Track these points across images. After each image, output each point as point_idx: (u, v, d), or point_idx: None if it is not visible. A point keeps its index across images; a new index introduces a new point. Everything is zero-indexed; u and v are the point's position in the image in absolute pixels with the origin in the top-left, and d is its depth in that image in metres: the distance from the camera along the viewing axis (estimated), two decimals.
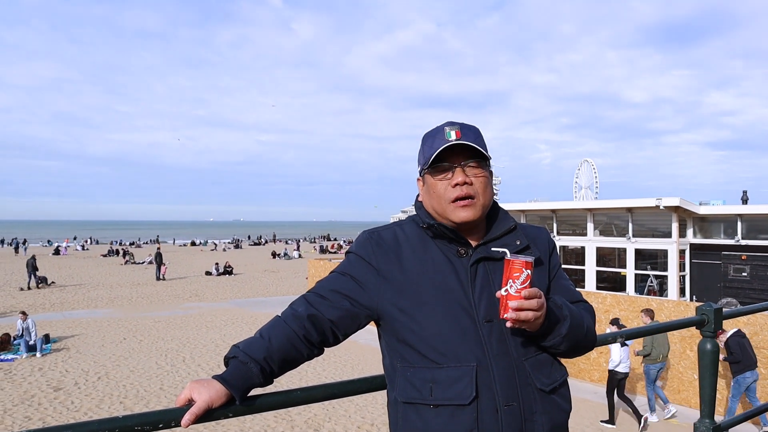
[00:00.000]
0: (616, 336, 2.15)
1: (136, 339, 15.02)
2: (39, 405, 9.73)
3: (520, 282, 1.39)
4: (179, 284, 27.59)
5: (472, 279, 1.51)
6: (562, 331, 1.48)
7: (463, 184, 1.51)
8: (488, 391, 1.43)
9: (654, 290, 15.35)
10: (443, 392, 1.43)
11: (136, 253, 45.19)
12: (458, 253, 1.54)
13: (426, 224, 1.57)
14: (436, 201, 1.55)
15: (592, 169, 36.09)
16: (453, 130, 1.53)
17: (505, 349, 1.47)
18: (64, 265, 36.76)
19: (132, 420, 1.26)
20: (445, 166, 1.53)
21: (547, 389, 1.49)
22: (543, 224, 18.26)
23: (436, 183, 1.54)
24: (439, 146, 1.51)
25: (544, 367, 1.52)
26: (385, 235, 1.61)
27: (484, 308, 1.48)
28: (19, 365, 12.41)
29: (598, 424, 9.31)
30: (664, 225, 15.04)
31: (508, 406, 1.43)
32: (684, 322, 2.67)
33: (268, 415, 9.22)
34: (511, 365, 1.46)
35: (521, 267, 1.40)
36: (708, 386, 2.56)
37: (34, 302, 21.12)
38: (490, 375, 1.44)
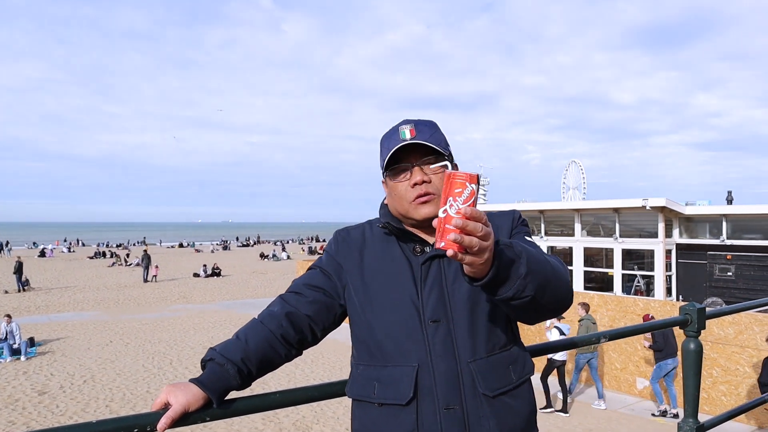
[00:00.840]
0: (600, 336, 2.15)
1: (122, 341, 14.89)
2: (23, 409, 9.62)
3: (463, 200, 1.14)
4: (167, 286, 27.40)
5: (423, 277, 1.48)
6: (521, 271, 1.23)
7: (422, 183, 1.48)
8: (428, 393, 1.40)
9: (641, 290, 15.44)
10: (384, 391, 1.43)
11: (123, 255, 44.86)
12: (414, 251, 1.52)
13: (381, 223, 1.57)
14: (398, 202, 1.52)
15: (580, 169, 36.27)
16: (407, 129, 1.49)
17: (449, 350, 1.42)
18: (49, 268, 36.42)
19: (106, 425, 1.24)
20: (402, 166, 1.50)
21: (491, 394, 1.42)
22: (531, 225, 18.32)
23: (396, 185, 1.52)
24: (393, 147, 1.48)
25: (496, 369, 1.45)
26: (353, 232, 1.62)
27: (431, 308, 1.45)
28: (3, 369, 12.26)
29: (587, 425, 9.34)
30: (651, 225, 15.14)
31: (448, 410, 1.39)
32: (668, 322, 2.68)
33: (255, 417, 9.17)
34: (454, 368, 1.42)
35: (464, 181, 1.15)
36: (692, 386, 2.57)
37: (19, 305, 20.89)
38: (431, 377, 1.41)
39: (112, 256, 42.99)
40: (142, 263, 30.45)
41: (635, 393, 10.59)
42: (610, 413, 9.88)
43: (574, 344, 2.24)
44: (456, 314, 1.45)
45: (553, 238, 17.39)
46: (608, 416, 9.73)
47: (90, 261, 43.08)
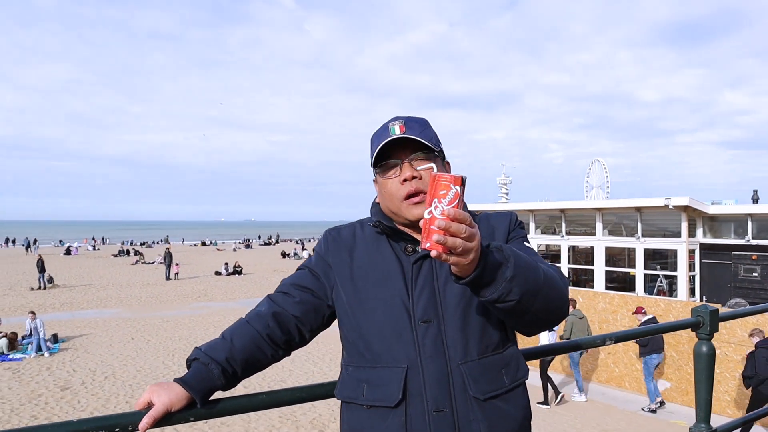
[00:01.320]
0: (605, 339, 2.09)
1: (143, 339, 15.07)
2: (46, 404, 9.78)
3: (447, 201, 1.15)
4: (188, 284, 27.69)
5: (414, 277, 1.45)
6: (507, 274, 1.22)
7: (411, 179, 1.45)
8: (418, 395, 1.37)
9: (663, 290, 15.20)
10: (373, 393, 1.40)
11: (146, 253, 45.43)
12: (405, 251, 1.50)
13: (372, 222, 1.55)
14: (389, 200, 1.50)
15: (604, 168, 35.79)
16: (397, 125, 1.47)
17: (440, 351, 1.39)
18: (74, 266, 37.01)
19: (87, 423, 1.23)
20: (392, 162, 1.48)
21: (482, 397, 1.39)
22: (552, 224, 18.14)
23: (386, 182, 1.50)
24: (380, 143, 1.46)
25: (488, 372, 1.42)
26: (344, 232, 1.60)
27: (422, 308, 1.42)
28: (27, 364, 12.49)
29: (605, 426, 9.22)
30: (674, 225, 14.89)
31: (437, 412, 1.36)
32: (679, 324, 2.61)
33: (272, 414, 9.23)
34: (444, 369, 1.38)
35: (448, 183, 1.16)
36: (704, 389, 2.50)
37: (44, 302, 21.26)
38: (420, 378, 1.38)
39: (135, 254, 43.52)
40: (164, 261, 30.82)
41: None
42: (630, 415, 9.74)
43: (578, 346, 2.19)
44: (447, 315, 1.42)
45: (575, 237, 17.20)
46: (629, 418, 9.59)
47: (113, 259, 43.68)
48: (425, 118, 1.54)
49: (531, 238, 17.33)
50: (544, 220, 18.47)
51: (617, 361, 11.13)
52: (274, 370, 11.79)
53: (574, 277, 17.39)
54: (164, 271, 30.12)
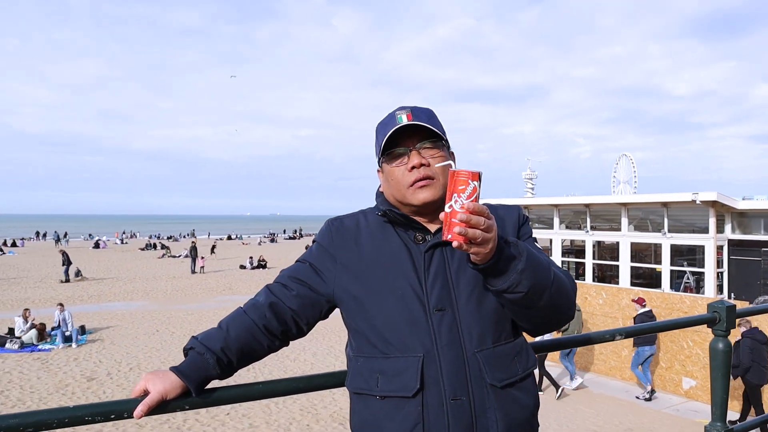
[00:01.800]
0: (615, 334, 2.05)
1: (168, 331, 15.30)
2: (72, 394, 9.98)
3: (467, 195, 1.23)
4: (213, 278, 28.00)
5: (427, 266, 1.45)
6: (519, 267, 1.30)
7: (419, 166, 1.45)
8: (435, 384, 1.37)
9: (690, 287, 14.93)
10: (388, 383, 1.39)
11: (172, 247, 46.05)
12: (415, 239, 1.49)
13: (381, 211, 1.53)
14: (395, 188, 1.49)
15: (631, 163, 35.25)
16: (404, 114, 1.46)
17: (455, 339, 1.39)
18: (102, 259, 37.70)
19: (82, 410, 1.25)
20: (400, 151, 1.48)
21: (499, 384, 1.40)
22: (576, 219, 17.93)
23: (393, 170, 1.49)
24: (388, 131, 1.45)
25: (502, 360, 1.43)
26: (347, 222, 1.58)
27: (436, 296, 1.42)
28: (55, 355, 12.77)
29: (628, 424, 9.10)
30: (701, 220, 14.60)
31: (455, 400, 1.36)
32: (695, 320, 2.55)
33: (293, 406, 9.29)
34: (461, 357, 1.38)
35: (467, 178, 1.24)
36: (719, 388, 2.44)
37: (73, 294, 21.70)
38: (437, 367, 1.37)
39: (161, 247, 44.14)
40: (189, 255, 31.21)
41: (681, 393, 10.26)
42: (653, 413, 9.60)
43: (589, 340, 2.15)
44: (461, 303, 1.42)
45: (600, 232, 16.98)
46: (652, 416, 9.46)
47: (141, 252, 44.37)
48: (431, 109, 1.54)
49: (555, 233, 17.19)
50: (569, 215, 18.26)
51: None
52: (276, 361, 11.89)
53: (599, 273, 17.19)
54: (190, 265, 30.52)
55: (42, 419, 1.21)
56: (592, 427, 8.86)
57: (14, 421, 1.19)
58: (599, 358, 11.99)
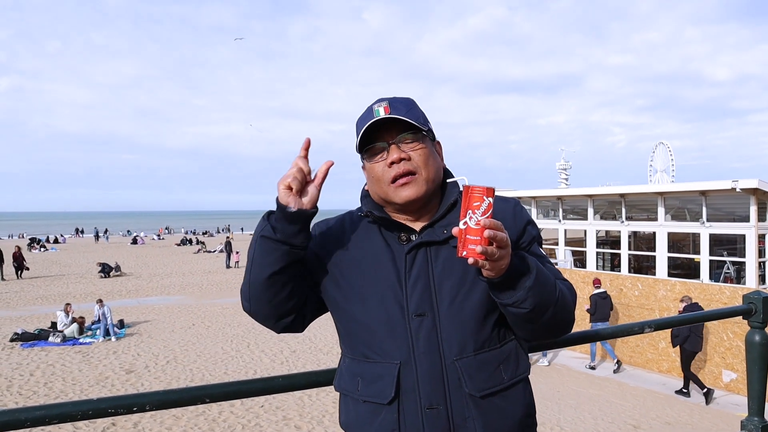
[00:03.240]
0: (644, 326, 2.01)
1: (204, 325, 15.56)
2: (112, 386, 10.23)
3: (481, 212, 1.20)
4: None
5: (408, 268, 1.38)
6: (527, 284, 1.27)
7: (399, 161, 1.38)
8: (411, 392, 1.33)
9: (731, 277, 14.55)
10: (367, 388, 1.37)
11: (207, 242, 46.76)
12: (399, 240, 1.43)
13: (363, 212, 1.48)
14: (377, 185, 1.43)
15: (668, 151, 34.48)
16: (381, 107, 1.40)
17: (434, 346, 1.34)
18: (140, 254, 38.49)
19: (105, 402, 1.27)
20: (379, 146, 1.41)
21: (478, 394, 1.33)
22: (611, 210, 17.62)
23: (373, 166, 1.42)
24: (364, 126, 1.39)
25: (484, 368, 1.35)
26: (332, 223, 1.54)
27: (416, 300, 1.36)
28: (95, 348, 13.11)
29: (666, 418, 8.93)
30: (742, 209, 14.19)
31: (431, 409, 1.32)
32: (730, 311, 2.48)
33: (327, 399, 9.37)
34: (439, 365, 1.33)
35: (481, 194, 1.21)
36: (756, 381, 2.38)
37: (112, 289, 22.23)
38: (413, 374, 1.33)
39: (197, 243, 44.86)
40: (224, 250, 31.64)
41: (721, 386, 10.03)
42: (692, 406, 9.40)
43: (617, 333, 2.10)
44: (442, 308, 1.36)
45: (635, 223, 16.66)
46: (690, 409, 9.27)
47: (177, 248, 45.15)
48: (411, 98, 1.47)
49: (589, 224, 16.93)
50: (603, 206, 17.95)
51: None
52: (311, 355, 11.97)
53: (636, 263, 16.88)
54: (224, 260, 30.95)
55: (66, 411, 1.24)
56: (629, 421, 8.73)
57: (40, 412, 1.22)
58: (636, 351, 11.80)
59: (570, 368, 11.91)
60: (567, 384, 10.68)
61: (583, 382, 10.78)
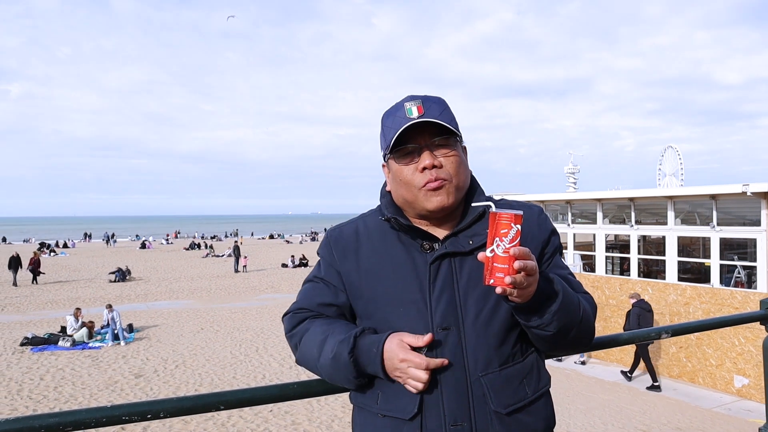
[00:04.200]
0: (660, 332, 1.98)
1: (212, 329, 15.58)
2: (122, 390, 10.26)
3: (509, 240, 1.16)
4: (256, 276, 28.41)
5: (432, 279, 1.33)
6: (553, 308, 1.25)
7: (431, 167, 1.32)
8: (435, 408, 1.29)
9: (742, 282, 14.43)
10: (387, 403, 1.32)
11: (216, 246, 46.89)
12: (422, 248, 1.37)
13: (384, 216, 1.41)
14: (405, 189, 1.36)
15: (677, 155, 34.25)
16: (414, 106, 1.33)
17: (459, 362, 1.29)
18: (149, 259, 38.65)
19: (120, 410, 1.26)
20: (410, 148, 1.34)
21: (504, 411, 1.30)
22: (620, 214, 17.53)
23: (401, 169, 1.36)
24: (399, 126, 1.32)
25: (509, 384, 1.32)
26: (345, 231, 1.48)
27: (441, 313, 1.31)
28: (105, 353, 13.14)
29: (676, 423, 8.85)
30: (753, 212, 14.09)
31: (455, 426, 1.28)
32: (746, 317, 2.45)
33: (335, 404, 9.34)
34: (464, 381, 1.29)
35: (509, 222, 1.17)
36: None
37: (121, 293, 22.32)
38: (437, 390, 1.28)
39: (205, 247, 44.99)
40: (233, 254, 31.74)
41: (732, 392, 9.94)
42: (703, 412, 9.31)
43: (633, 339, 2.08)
44: (468, 321, 1.32)
45: (645, 226, 16.57)
46: (702, 415, 9.18)
47: (185, 252, 45.30)
48: (443, 98, 1.40)
49: (598, 228, 16.85)
50: (612, 209, 17.86)
51: (690, 356, 10.68)
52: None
53: (645, 268, 16.77)
54: (233, 264, 31.02)
55: (81, 418, 1.23)
56: (640, 426, 8.66)
57: (54, 420, 1.21)
58: None
59: (580, 373, 11.84)
60: (577, 389, 10.61)
61: (593, 386, 10.71)
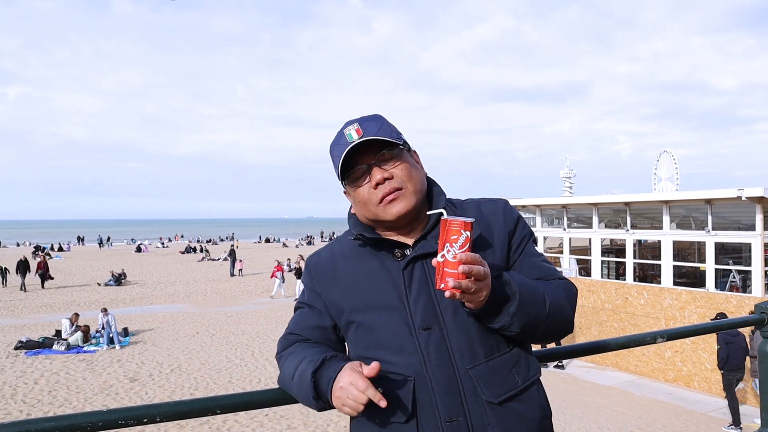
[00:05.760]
0: (656, 336, 1.98)
1: (208, 333, 15.55)
2: (116, 395, 10.22)
3: (459, 246, 1.21)
4: (252, 280, 28.37)
5: (408, 283, 1.38)
6: (511, 310, 1.29)
7: (383, 181, 1.38)
8: (429, 407, 1.31)
9: (737, 286, 14.48)
10: (382, 409, 1.31)
11: (212, 250, 46.79)
12: (394, 256, 1.42)
13: (353, 235, 1.47)
14: (365, 208, 1.42)
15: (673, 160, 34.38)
16: (353, 130, 1.39)
17: (445, 358, 1.33)
18: (144, 262, 38.56)
19: (116, 414, 1.25)
20: (360, 169, 1.40)
21: (497, 400, 1.33)
22: (616, 218, 17.57)
23: (358, 191, 1.42)
24: (342, 153, 1.38)
25: (498, 374, 1.36)
26: (323, 255, 1.54)
27: (420, 314, 1.35)
28: (100, 356, 13.11)
29: (672, 427, 8.86)
30: (747, 217, 14.13)
31: (451, 422, 1.30)
32: (742, 321, 2.46)
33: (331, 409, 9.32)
34: (453, 376, 1.33)
35: (459, 228, 1.22)
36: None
37: (116, 297, 22.25)
38: (428, 389, 1.32)
39: (201, 251, 44.89)
40: (229, 258, 31.66)
41: None
42: (698, 416, 9.33)
43: (629, 343, 2.08)
44: (448, 318, 1.35)
45: (640, 231, 16.61)
46: (697, 419, 9.19)
47: (181, 256, 45.19)
48: (379, 114, 1.46)
49: (594, 232, 16.88)
50: (608, 214, 17.90)
51: (685, 360, 10.69)
52: None
53: (641, 272, 16.81)
54: (229, 268, 30.95)
55: (77, 423, 1.23)
56: (635, 431, 8.67)
57: (50, 424, 1.21)
58: (641, 360, 11.73)
59: (576, 377, 11.85)
60: (573, 393, 10.62)
61: (589, 391, 10.72)
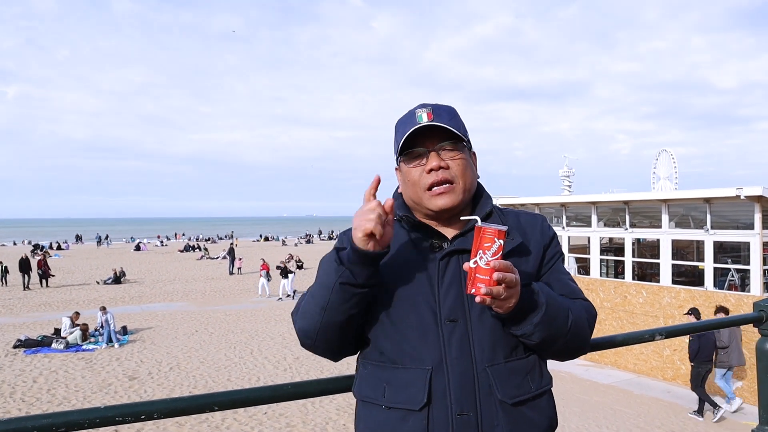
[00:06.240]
0: (654, 333, 1.99)
1: (207, 331, 15.55)
2: (115, 393, 10.22)
3: (492, 253, 1.24)
4: (250, 278, 28.34)
5: (441, 274, 1.39)
6: (535, 320, 1.32)
7: (438, 168, 1.40)
8: (442, 398, 1.32)
9: (735, 285, 14.49)
10: (395, 395, 1.35)
11: (211, 249, 46.77)
12: (432, 246, 1.43)
13: (397, 216, 1.46)
14: (412, 190, 1.44)
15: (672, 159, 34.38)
16: (424, 113, 1.41)
17: (466, 352, 1.34)
18: (143, 261, 38.54)
19: (113, 411, 1.25)
20: (418, 151, 1.42)
21: (510, 402, 1.34)
22: (615, 217, 17.57)
23: (410, 170, 1.44)
24: (407, 131, 1.40)
25: (514, 377, 1.37)
26: None
27: (449, 306, 1.36)
28: (98, 355, 13.10)
29: (670, 426, 8.87)
30: (746, 216, 14.14)
31: (461, 416, 1.31)
32: (740, 319, 2.46)
33: (330, 406, 9.34)
34: (471, 371, 1.33)
35: (493, 236, 1.25)
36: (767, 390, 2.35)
37: (115, 296, 22.24)
38: (445, 380, 1.33)
39: (200, 249, 44.88)
40: (228, 256, 31.67)
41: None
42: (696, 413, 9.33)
43: (627, 341, 2.08)
44: (474, 315, 1.37)
45: (639, 230, 16.63)
46: (695, 417, 9.20)
47: (180, 254, 45.15)
48: (453, 107, 1.48)
49: (593, 231, 16.89)
50: (607, 213, 17.91)
51: (684, 358, 10.69)
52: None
53: (639, 271, 16.82)
54: (227, 266, 30.95)
55: (74, 419, 1.23)
56: (634, 429, 8.67)
57: (47, 421, 1.21)
58: (640, 358, 11.75)
59: (574, 375, 11.86)
60: (571, 391, 10.63)
61: (587, 389, 10.73)
